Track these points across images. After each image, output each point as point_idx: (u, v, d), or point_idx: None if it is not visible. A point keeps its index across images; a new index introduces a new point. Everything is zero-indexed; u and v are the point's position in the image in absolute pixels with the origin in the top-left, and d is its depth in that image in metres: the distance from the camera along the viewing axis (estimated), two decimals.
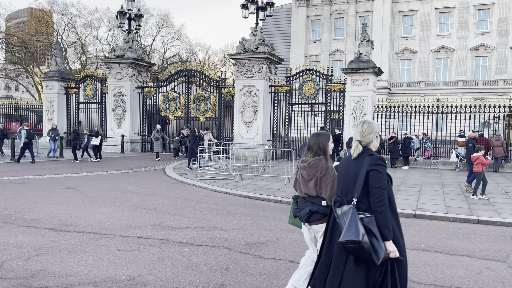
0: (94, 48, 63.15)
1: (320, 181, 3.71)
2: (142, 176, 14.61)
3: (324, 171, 3.70)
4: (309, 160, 3.84)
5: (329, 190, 3.67)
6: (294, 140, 22.33)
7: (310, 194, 3.79)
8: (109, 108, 24.92)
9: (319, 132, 3.97)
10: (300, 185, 3.91)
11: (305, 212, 3.74)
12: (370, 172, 3.21)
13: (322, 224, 3.72)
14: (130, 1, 24.70)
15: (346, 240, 3.05)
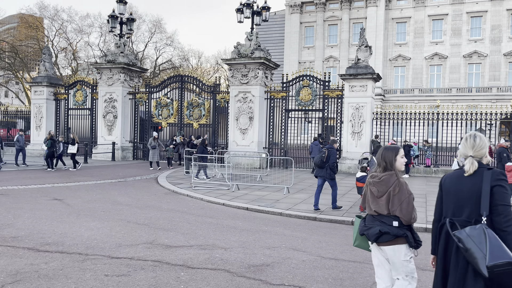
0: (85, 54, 62.37)
1: (393, 199, 3.47)
2: (134, 186, 13.91)
3: (397, 188, 3.47)
4: (379, 175, 3.60)
5: (404, 208, 3.44)
6: (291, 147, 21.77)
7: (380, 212, 3.55)
8: (100, 115, 24.17)
9: (386, 146, 3.76)
10: (368, 202, 3.67)
11: (374, 231, 3.51)
12: (494, 188, 2.93)
13: (393, 246, 3.49)
14: (121, 5, 24.06)
15: (498, 263, 2.65)
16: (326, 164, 9.88)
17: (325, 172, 9.96)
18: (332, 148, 10.07)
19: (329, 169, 9.93)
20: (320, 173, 10.12)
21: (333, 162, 9.88)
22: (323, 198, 11.70)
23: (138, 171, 18.15)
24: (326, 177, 10.00)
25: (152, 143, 18.97)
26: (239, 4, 21.02)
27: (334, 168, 9.99)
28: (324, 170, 9.97)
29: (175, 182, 14.71)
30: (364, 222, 3.70)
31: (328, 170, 9.94)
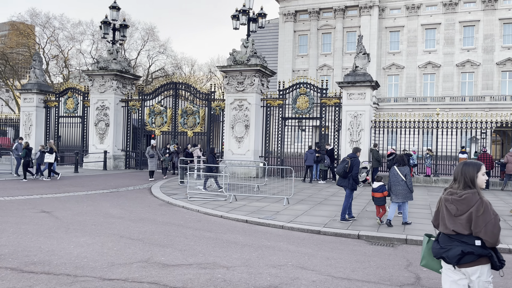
0: (77, 62, 61.71)
1: (476, 220, 3.20)
2: (126, 196, 13.34)
3: (482, 209, 3.20)
4: (460, 193, 3.32)
5: (489, 230, 3.16)
6: (287, 156, 21.33)
7: (459, 232, 3.28)
8: (91, 123, 23.57)
9: (467, 161, 3.51)
10: (444, 220, 3.39)
11: (455, 253, 3.24)
12: None
13: (476, 266, 3.23)
14: (114, 11, 23.61)
15: None
16: (349, 174, 9.59)
17: (348, 182, 9.67)
18: (355, 157, 9.77)
19: (352, 180, 9.63)
20: (342, 182, 9.83)
21: (356, 172, 9.59)
22: (326, 209, 11.23)
23: (131, 181, 17.56)
24: (347, 186, 9.71)
25: (150, 152, 18.03)
26: (235, 11, 20.70)
27: (357, 178, 9.72)
28: (346, 180, 9.67)
29: (169, 192, 14.16)
30: (438, 243, 3.40)
31: (351, 180, 9.64)
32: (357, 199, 13.32)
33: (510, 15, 46.15)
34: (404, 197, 9.40)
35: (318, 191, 15.31)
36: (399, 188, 9.39)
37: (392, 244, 8.05)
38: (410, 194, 9.45)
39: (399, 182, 9.39)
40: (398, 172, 9.44)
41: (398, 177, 9.43)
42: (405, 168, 9.52)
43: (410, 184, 9.43)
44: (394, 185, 9.44)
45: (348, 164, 9.54)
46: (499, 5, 46.56)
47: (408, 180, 9.37)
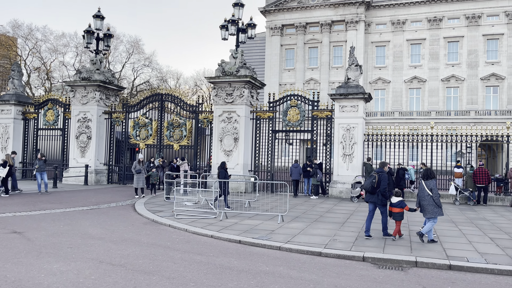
0: (59, 74, 60.39)
1: None
2: (108, 214, 12.39)
3: None
4: None
5: None
6: (278, 170, 20.63)
7: None
8: (72, 135, 22.50)
9: None
10: None
11: None
12: None
13: None
14: (98, 20, 22.81)
15: None
16: (377, 189, 9.36)
17: (376, 198, 9.44)
18: (383, 172, 9.51)
19: (381, 195, 9.37)
20: (370, 198, 9.59)
21: (384, 187, 9.34)
22: (324, 228, 10.49)
23: (113, 197, 16.56)
24: (378, 203, 9.46)
25: (137, 167, 16.45)
26: (224, 21, 20.14)
27: (386, 193, 9.41)
28: (375, 196, 9.46)
29: (154, 209, 13.26)
30: None
31: (379, 196, 9.40)
32: (355, 216, 12.65)
33: (494, 31, 46.89)
34: (431, 212, 8.98)
35: (312, 207, 14.59)
36: (425, 203, 9.03)
37: (401, 267, 7.35)
38: (438, 209, 8.99)
39: (426, 197, 9.03)
40: (425, 187, 9.08)
41: (424, 192, 9.08)
42: (431, 182, 9.11)
43: (437, 198, 8.99)
44: (422, 200, 9.13)
45: (376, 179, 9.34)
46: (483, 22, 47.29)
47: (434, 194, 8.96)
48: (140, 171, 16.42)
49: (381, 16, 51.32)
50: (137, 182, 16.39)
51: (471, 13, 47.54)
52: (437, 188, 17.63)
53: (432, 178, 9.15)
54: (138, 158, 16.87)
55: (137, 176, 16.39)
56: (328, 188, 18.32)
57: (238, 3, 20.05)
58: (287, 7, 53.28)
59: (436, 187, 9.21)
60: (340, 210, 13.86)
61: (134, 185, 16.45)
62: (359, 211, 13.70)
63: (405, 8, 50.25)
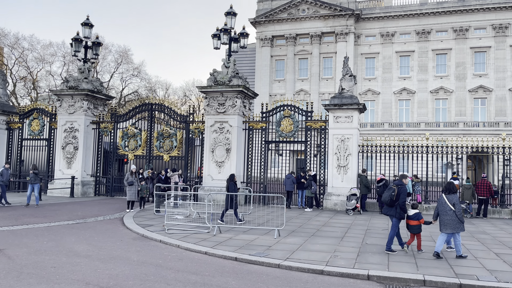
0: (46, 84, 59.43)
1: None
2: (95, 229, 11.77)
3: None
4: None
5: None
6: (271, 181, 20.18)
7: None
8: (58, 146, 21.78)
9: None
10: None
11: None
12: None
13: None
14: (87, 28, 22.28)
15: None
16: (396, 202, 9.11)
17: (394, 211, 9.19)
18: (402, 184, 9.23)
19: (400, 208, 9.13)
20: (389, 211, 9.34)
21: (403, 200, 9.10)
22: (323, 243, 10.03)
23: (101, 210, 15.89)
24: (395, 216, 9.19)
25: (129, 179, 15.50)
26: (216, 30, 19.82)
27: (404, 207, 9.16)
28: (393, 209, 9.21)
29: (144, 223, 12.68)
30: None
31: (398, 209, 9.15)
32: (353, 230, 12.24)
33: (481, 44, 47.50)
34: (453, 227, 8.66)
35: (307, 220, 14.15)
36: (447, 218, 8.69)
37: (408, 286, 6.94)
38: (460, 224, 8.69)
39: (447, 212, 8.70)
40: (446, 201, 8.77)
41: (446, 206, 8.76)
42: (453, 196, 8.81)
43: (460, 213, 8.68)
44: (442, 215, 8.80)
45: (395, 192, 9.07)
46: (470, 35, 47.91)
47: (457, 209, 8.65)
48: (133, 183, 15.55)
49: (370, 28, 51.69)
50: (130, 195, 15.52)
51: (458, 26, 48.16)
52: (433, 200, 17.39)
53: (454, 192, 8.86)
54: (130, 169, 15.95)
55: (129, 188, 15.53)
56: (323, 200, 17.92)
57: (230, 12, 19.78)
58: (277, 19, 53.38)
59: (459, 202, 8.89)
60: (337, 224, 13.44)
61: (127, 198, 15.57)
62: (356, 225, 13.30)
63: (394, 21, 50.71)
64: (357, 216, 15.58)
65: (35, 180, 16.75)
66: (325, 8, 51.62)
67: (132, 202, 15.58)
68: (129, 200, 15.52)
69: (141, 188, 15.88)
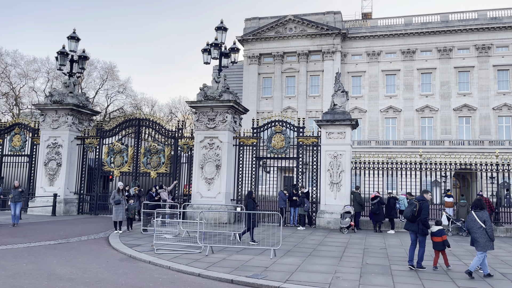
0: (29, 100, 58.28)
1: None
2: (79, 249, 11.06)
3: None
4: None
5: None
6: (262, 199, 19.67)
7: None
8: (40, 162, 20.95)
9: None
10: None
11: None
12: None
13: None
14: (73, 42, 21.77)
15: None
16: (418, 218, 8.97)
17: (416, 227, 9.03)
18: (424, 200, 9.08)
19: (421, 224, 8.96)
20: (411, 227, 9.20)
21: (425, 216, 8.94)
22: (321, 263, 9.54)
23: (85, 229, 15.12)
24: (418, 232, 9.03)
25: (116, 197, 14.36)
26: (206, 45, 19.55)
27: (426, 222, 8.98)
28: (415, 225, 9.05)
29: (131, 243, 12.00)
30: None
31: (419, 225, 8.98)
32: (350, 249, 11.79)
33: (464, 64, 48.41)
34: (483, 246, 8.36)
35: (302, 239, 13.65)
36: (477, 236, 8.43)
37: None
38: (490, 243, 8.40)
39: (477, 229, 8.42)
40: (476, 218, 8.49)
41: (476, 223, 8.47)
42: (484, 213, 8.51)
43: (491, 231, 8.39)
44: (472, 233, 8.55)
45: (417, 208, 8.95)
46: (454, 54, 48.83)
47: (488, 226, 8.36)
48: (120, 202, 14.33)
49: (356, 47, 52.33)
50: (116, 215, 14.23)
51: (442, 46, 49.09)
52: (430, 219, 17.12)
53: (484, 209, 8.55)
54: (117, 187, 14.71)
55: (116, 207, 14.27)
56: (315, 218, 17.45)
57: (221, 27, 19.58)
58: (265, 37, 53.69)
59: (490, 219, 8.59)
60: (333, 243, 12.97)
61: (113, 218, 14.33)
62: (352, 244, 12.85)
63: (380, 40, 51.45)
64: (351, 234, 15.14)
65: (19, 198, 15.86)
66: (312, 27, 52.16)
67: (120, 222, 14.44)
68: (116, 221, 14.29)
69: (128, 208, 14.63)
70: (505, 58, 47.28)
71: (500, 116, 47.45)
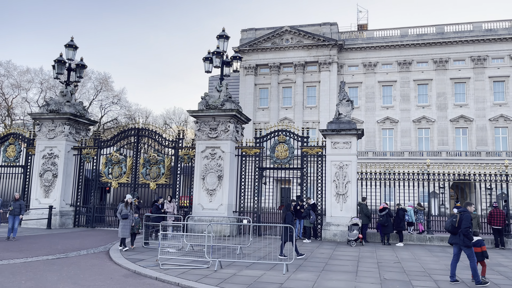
0: (21, 111, 57.54)
1: None
2: (79, 265, 10.46)
3: None
4: None
5: None
6: (265, 211, 19.16)
7: None
8: (36, 173, 20.29)
9: None
10: None
11: None
12: None
13: None
14: (71, 50, 21.29)
15: None
16: (459, 229, 8.70)
17: (458, 239, 8.74)
18: (466, 211, 8.80)
19: (463, 235, 8.64)
20: (453, 240, 8.92)
21: (465, 227, 8.60)
22: (338, 278, 9.05)
23: (83, 243, 14.48)
24: (461, 244, 8.72)
25: (123, 211, 12.93)
26: (207, 53, 19.23)
27: (468, 234, 8.60)
28: (457, 237, 8.77)
29: (133, 257, 11.43)
30: None
31: (461, 236, 8.66)
32: (364, 264, 11.30)
33: (460, 75, 48.58)
34: None
35: (310, 252, 13.14)
36: None
37: None
38: None
39: None
40: None
41: None
42: None
43: None
44: None
45: (457, 219, 8.71)
46: (450, 66, 49.03)
47: None
48: (127, 216, 12.92)
49: (353, 58, 52.40)
50: (123, 231, 12.84)
51: (438, 58, 49.30)
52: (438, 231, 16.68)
53: None
54: (125, 200, 13.33)
55: (123, 222, 12.87)
56: (321, 231, 16.96)
57: (223, 35, 19.27)
58: (261, 48, 53.63)
59: None
60: (344, 256, 12.48)
61: (120, 234, 12.89)
62: (364, 257, 12.38)
63: (376, 51, 51.59)
64: (360, 247, 14.67)
65: (19, 212, 15.15)
66: (309, 38, 52.21)
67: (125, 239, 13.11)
68: (123, 237, 12.87)
69: (134, 223, 13.17)
70: (500, 69, 47.54)
71: (496, 127, 47.49)
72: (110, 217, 20.51)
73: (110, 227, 19.76)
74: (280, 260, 11.06)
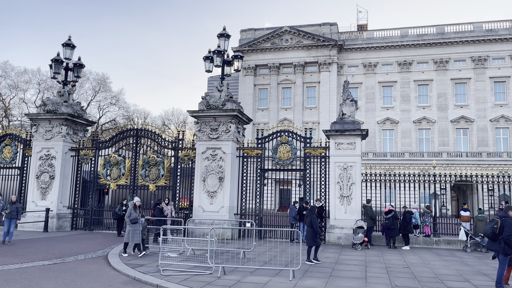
0: (19, 112, 57.02)
1: None
2: (76, 270, 10.03)
3: None
4: None
5: None
6: (267, 213, 18.76)
7: None
8: (32, 175, 19.85)
9: None
10: None
11: None
12: None
13: None
14: (68, 50, 20.85)
15: None
16: (500, 236, 8.20)
17: (498, 246, 8.27)
18: (507, 217, 8.27)
19: (503, 243, 8.16)
20: (492, 246, 8.45)
21: (507, 234, 8.08)
22: (346, 285, 8.66)
23: (80, 247, 14.05)
24: (500, 252, 8.25)
25: (132, 215, 12.11)
26: (208, 52, 18.83)
27: (509, 241, 8.09)
28: (497, 244, 8.30)
29: (132, 263, 11.01)
30: None
31: (502, 244, 8.19)
32: (372, 269, 10.91)
33: (461, 76, 48.29)
34: None
35: None
36: None
37: None
38: None
39: None
40: None
41: None
42: None
43: None
44: None
45: (498, 225, 8.19)
46: (450, 66, 48.74)
47: None
48: (137, 221, 12.09)
49: (353, 58, 52.09)
50: (133, 236, 12.00)
51: (439, 58, 49.01)
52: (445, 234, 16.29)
53: None
54: (134, 203, 12.49)
55: (132, 227, 12.01)
56: (325, 234, 16.55)
57: (224, 34, 18.88)
58: (261, 48, 53.26)
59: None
60: (350, 261, 12.09)
61: (126, 239, 12.09)
62: (371, 262, 11.99)
63: (376, 52, 51.29)
64: (366, 251, 14.28)
65: (16, 215, 14.69)
66: (308, 39, 51.86)
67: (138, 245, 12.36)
68: (129, 242, 12.14)
69: (141, 227, 12.36)
70: (501, 70, 47.28)
71: (497, 128, 47.23)
72: (108, 219, 20.07)
73: (108, 230, 19.33)
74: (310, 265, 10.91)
